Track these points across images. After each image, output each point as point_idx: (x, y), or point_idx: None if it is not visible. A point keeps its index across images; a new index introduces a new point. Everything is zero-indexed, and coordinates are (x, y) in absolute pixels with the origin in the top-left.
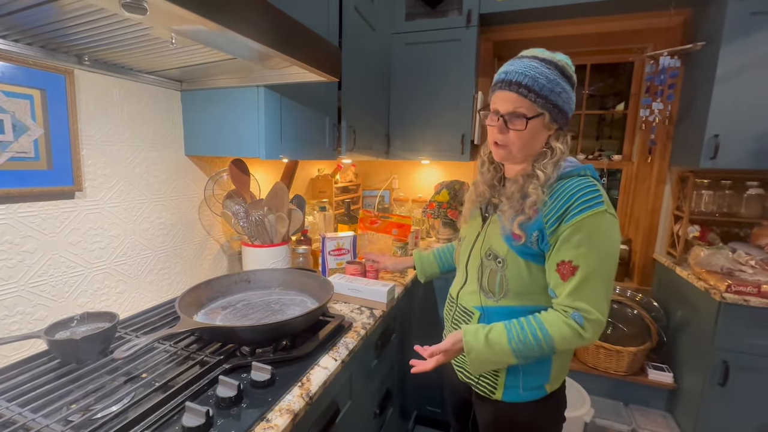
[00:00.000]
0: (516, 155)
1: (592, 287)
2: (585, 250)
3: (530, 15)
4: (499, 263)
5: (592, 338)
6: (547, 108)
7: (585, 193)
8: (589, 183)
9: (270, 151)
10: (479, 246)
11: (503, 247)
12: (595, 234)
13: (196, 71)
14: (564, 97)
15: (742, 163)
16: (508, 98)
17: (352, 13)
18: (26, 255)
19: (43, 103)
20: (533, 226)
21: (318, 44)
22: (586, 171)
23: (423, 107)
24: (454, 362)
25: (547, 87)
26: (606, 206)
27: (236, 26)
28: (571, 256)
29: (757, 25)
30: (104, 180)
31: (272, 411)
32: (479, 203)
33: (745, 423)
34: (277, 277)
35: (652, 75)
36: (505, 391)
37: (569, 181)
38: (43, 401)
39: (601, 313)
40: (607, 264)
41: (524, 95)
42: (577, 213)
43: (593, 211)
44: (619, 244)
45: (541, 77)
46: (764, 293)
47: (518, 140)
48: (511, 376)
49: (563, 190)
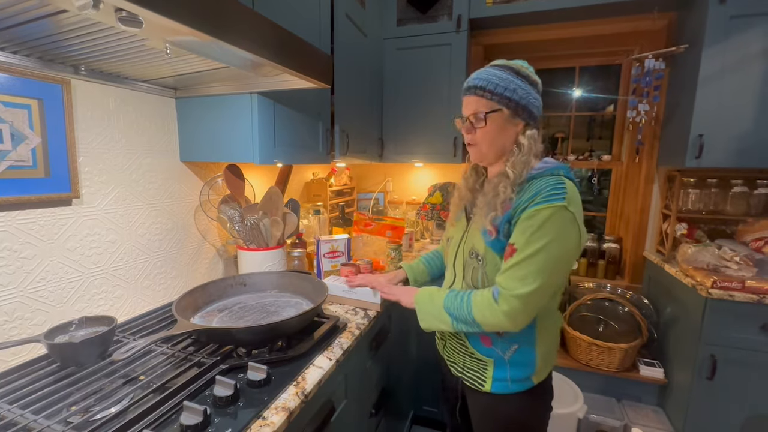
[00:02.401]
0: (487, 153)
1: (521, 270)
2: (528, 237)
3: (519, 19)
4: (479, 261)
5: (508, 313)
6: (503, 103)
7: (549, 189)
8: (558, 181)
9: (264, 156)
10: (464, 245)
11: (482, 244)
12: (545, 225)
13: (191, 79)
14: (520, 93)
15: (725, 161)
16: (469, 102)
17: (343, 19)
18: (25, 261)
19: (40, 113)
20: (504, 219)
21: (308, 52)
22: (559, 171)
23: (415, 111)
24: (446, 357)
25: (501, 85)
26: (566, 203)
27: (228, 37)
28: (515, 239)
29: (737, 28)
30: (101, 187)
31: (268, 409)
32: (463, 206)
33: (732, 415)
34: (272, 279)
35: (638, 77)
36: (493, 384)
37: (540, 180)
38: (44, 403)
39: (519, 291)
40: (550, 253)
41: (480, 95)
42: (534, 204)
43: (550, 204)
44: (573, 240)
45: (494, 77)
46: (748, 288)
47: (484, 137)
48: (498, 369)
49: (531, 189)
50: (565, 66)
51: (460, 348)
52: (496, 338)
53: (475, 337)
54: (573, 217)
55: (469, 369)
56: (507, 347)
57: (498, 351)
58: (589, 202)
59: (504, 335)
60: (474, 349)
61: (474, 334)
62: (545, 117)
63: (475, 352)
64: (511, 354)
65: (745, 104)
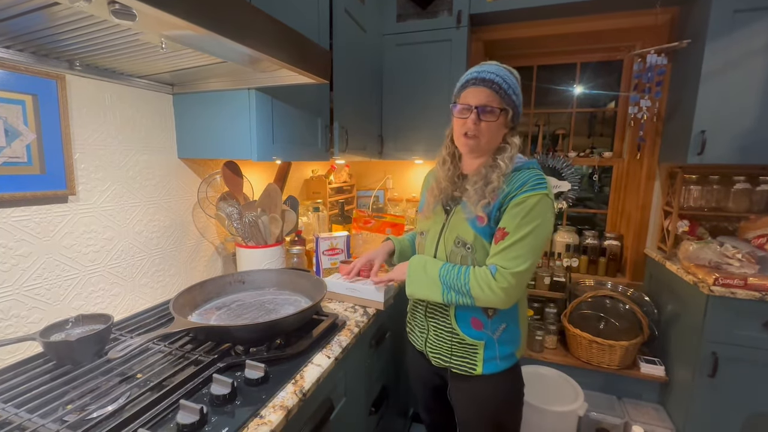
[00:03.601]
0: (483, 146)
1: (515, 251)
2: (518, 221)
3: (520, 15)
4: (468, 249)
5: (506, 290)
6: (511, 106)
7: (534, 180)
8: (538, 173)
9: (262, 152)
10: (445, 236)
11: (470, 233)
12: (531, 210)
13: (187, 75)
14: (519, 101)
15: (728, 158)
16: (481, 93)
17: (342, 15)
18: (21, 259)
19: (35, 108)
20: (495, 206)
21: (307, 47)
22: (533, 165)
23: (415, 107)
24: (430, 350)
25: (512, 89)
26: (547, 191)
27: (225, 31)
28: (506, 224)
29: (741, 23)
30: (97, 183)
31: (266, 407)
32: (442, 198)
33: (733, 413)
34: (271, 277)
35: (639, 73)
36: (485, 365)
37: (520, 173)
38: (39, 402)
39: (515, 269)
40: (536, 235)
41: (496, 91)
42: (521, 193)
43: (535, 192)
44: (552, 223)
45: (508, 79)
46: (750, 285)
47: (488, 131)
48: (489, 350)
49: (517, 179)
50: (567, 62)
51: (448, 336)
52: (486, 320)
53: (467, 323)
54: (552, 203)
55: (457, 356)
56: (497, 327)
57: (488, 332)
58: (589, 200)
59: (493, 317)
60: (465, 335)
61: (466, 321)
62: (546, 114)
63: (466, 338)
64: (500, 333)
65: (748, 100)
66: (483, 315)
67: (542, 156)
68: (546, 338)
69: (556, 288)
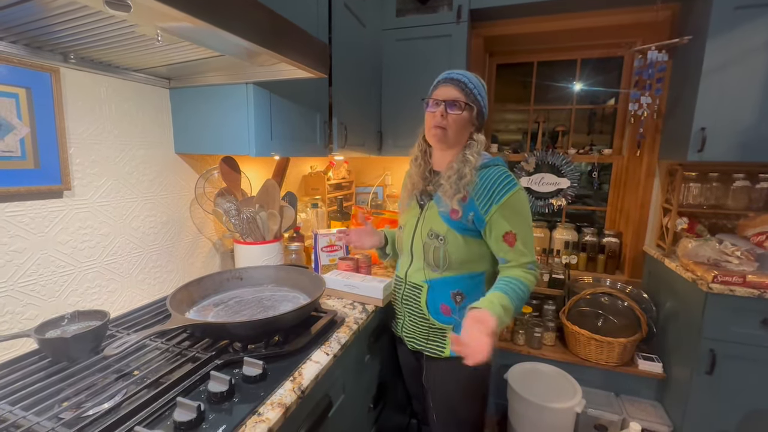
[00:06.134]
0: (451, 138)
1: (527, 245)
2: (517, 220)
3: (520, 10)
4: (440, 240)
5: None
6: (475, 103)
7: (503, 179)
8: (504, 171)
9: (260, 148)
10: (420, 229)
11: (443, 226)
12: (519, 207)
13: (184, 68)
14: (484, 103)
15: (728, 155)
16: (449, 90)
17: (341, 9)
18: (15, 255)
19: (28, 102)
20: (468, 207)
21: (305, 40)
22: (499, 162)
23: (415, 103)
24: (405, 334)
25: (477, 89)
26: (519, 185)
27: (222, 23)
28: (510, 227)
29: (742, 20)
30: (93, 179)
31: (264, 405)
32: (415, 193)
33: (731, 411)
34: (269, 273)
35: (640, 69)
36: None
37: (489, 169)
38: (34, 399)
39: (534, 256)
40: (529, 224)
41: (462, 89)
42: (503, 195)
43: (513, 191)
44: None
45: (473, 80)
46: (749, 283)
47: (454, 124)
48: (456, 332)
49: (487, 177)
50: (567, 58)
51: (422, 322)
52: (455, 307)
53: (437, 309)
54: (525, 192)
55: (431, 340)
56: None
57: (456, 317)
58: (589, 197)
59: (461, 303)
60: (435, 320)
61: (436, 307)
62: (546, 111)
63: (436, 323)
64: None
65: (749, 97)
66: (452, 301)
67: (542, 153)
68: (544, 335)
69: (555, 285)
